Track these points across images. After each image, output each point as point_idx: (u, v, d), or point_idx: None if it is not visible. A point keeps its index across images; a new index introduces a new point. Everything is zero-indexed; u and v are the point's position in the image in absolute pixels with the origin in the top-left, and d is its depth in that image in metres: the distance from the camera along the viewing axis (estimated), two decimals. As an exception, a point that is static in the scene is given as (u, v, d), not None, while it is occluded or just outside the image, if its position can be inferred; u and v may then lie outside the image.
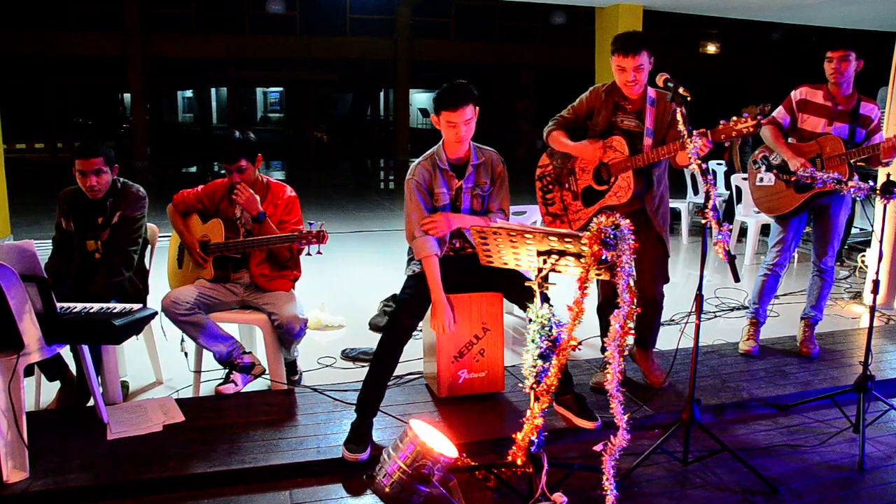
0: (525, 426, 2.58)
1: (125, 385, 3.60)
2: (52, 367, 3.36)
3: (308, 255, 3.35)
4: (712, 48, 23.02)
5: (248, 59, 20.02)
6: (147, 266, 3.69)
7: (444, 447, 2.59)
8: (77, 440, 2.95)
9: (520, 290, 3.12)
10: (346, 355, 4.16)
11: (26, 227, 7.90)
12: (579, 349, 2.59)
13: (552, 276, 2.58)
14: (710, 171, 2.92)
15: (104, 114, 24.26)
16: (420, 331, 3.67)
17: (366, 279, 6.10)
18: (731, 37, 22.38)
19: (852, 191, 3.13)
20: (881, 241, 3.36)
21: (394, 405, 3.32)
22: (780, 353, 4.14)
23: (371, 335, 4.50)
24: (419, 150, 3.33)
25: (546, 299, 2.57)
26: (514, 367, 3.55)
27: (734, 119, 2.85)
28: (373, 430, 3.01)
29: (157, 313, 3.09)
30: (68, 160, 3.33)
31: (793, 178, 3.74)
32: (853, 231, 7.01)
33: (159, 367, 3.78)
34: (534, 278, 2.56)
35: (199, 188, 3.64)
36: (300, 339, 3.48)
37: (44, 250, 3.13)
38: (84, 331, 2.79)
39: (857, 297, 5.52)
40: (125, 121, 23.39)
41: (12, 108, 16.49)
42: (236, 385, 3.45)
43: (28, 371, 3.05)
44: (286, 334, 3.37)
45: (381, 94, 28.34)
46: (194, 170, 17.28)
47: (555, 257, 2.51)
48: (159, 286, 3.73)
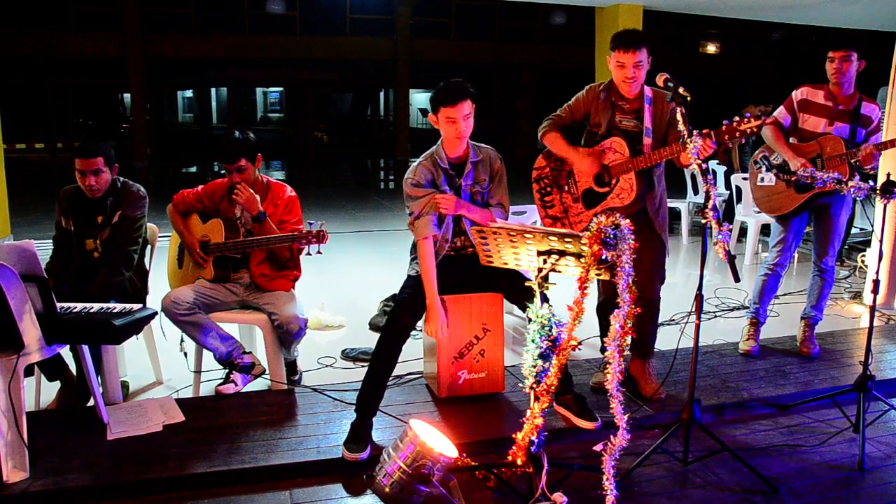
0: (525, 426, 2.57)
1: (125, 385, 3.60)
2: (52, 367, 3.36)
3: (308, 254, 3.36)
4: (712, 48, 23.03)
5: (248, 59, 20.03)
6: (147, 266, 3.69)
7: (444, 447, 2.59)
8: (77, 440, 2.95)
9: (520, 290, 3.12)
10: (346, 355, 4.16)
11: (26, 227, 7.90)
12: (579, 349, 2.59)
13: (552, 276, 2.58)
14: (710, 171, 2.92)
15: (104, 114, 24.25)
16: (420, 330, 3.66)
17: (366, 279, 6.10)
18: (732, 37, 22.39)
19: (852, 191, 3.13)
20: (881, 241, 3.36)
21: (394, 405, 3.32)
22: (780, 352, 4.14)
23: (371, 335, 4.50)
24: (419, 150, 3.34)
25: (546, 299, 2.57)
26: (514, 367, 3.55)
27: (736, 119, 2.84)
28: (373, 430, 3.01)
29: (156, 313, 3.09)
30: (68, 160, 3.34)
31: (793, 178, 3.74)
32: (853, 231, 7.01)
33: (159, 367, 3.78)
34: (534, 278, 2.56)
35: (199, 188, 3.64)
36: (300, 339, 3.48)
37: (44, 250, 3.13)
38: (84, 331, 2.79)
39: (858, 296, 5.52)
40: (125, 121, 23.39)
41: (12, 108, 16.48)
42: (236, 385, 3.45)
43: (28, 371, 3.05)
44: (286, 334, 3.37)
45: (381, 94, 28.34)
46: (194, 170, 17.28)
47: (555, 257, 2.51)
48: (159, 286, 3.73)
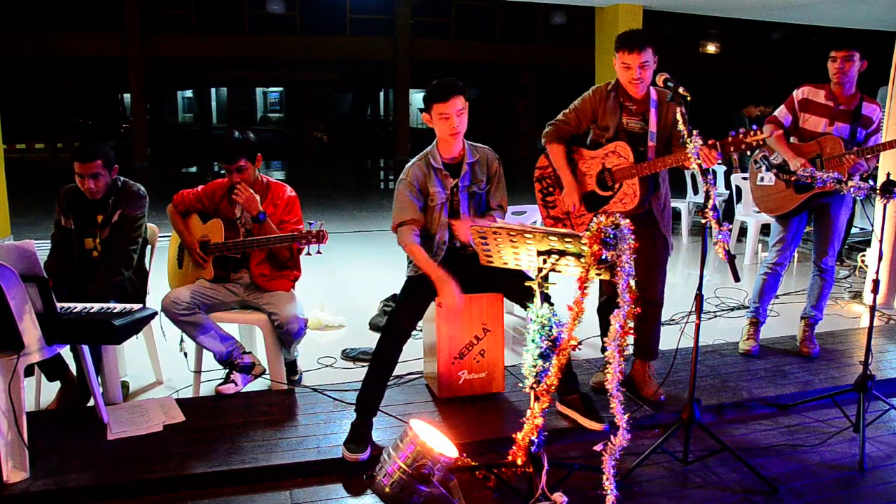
0: (525, 426, 2.58)
1: (125, 385, 3.60)
2: (53, 367, 3.36)
3: (308, 254, 3.35)
4: (713, 48, 23.03)
5: (248, 59, 20.03)
6: (147, 266, 3.69)
7: (445, 447, 2.60)
8: (77, 440, 2.95)
9: (520, 289, 3.12)
10: (347, 355, 4.16)
11: (26, 227, 7.90)
12: (579, 349, 2.59)
13: (552, 276, 2.58)
14: (710, 171, 2.91)
15: (104, 114, 24.25)
16: (420, 331, 3.67)
17: (366, 279, 6.10)
18: (732, 37, 22.38)
19: (852, 190, 3.13)
20: (881, 241, 3.36)
21: (394, 405, 3.32)
22: (780, 352, 4.14)
23: (371, 335, 4.50)
24: (419, 150, 3.34)
25: (547, 299, 2.57)
26: (514, 366, 3.55)
27: (742, 131, 2.85)
28: (373, 430, 3.01)
29: (156, 313, 3.09)
30: (68, 160, 3.33)
31: (793, 178, 3.74)
32: (853, 231, 7.01)
33: (159, 367, 3.78)
34: (534, 278, 2.56)
35: (199, 188, 3.64)
36: (300, 339, 3.48)
37: (44, 250, 3.13)
38: (84, 331, 2.79)
39: (858, 296, 5.52)
40: (125, 121, 23.39)
41: (12, 108, 16.50)
42: (236, 385, 3.45)
43: (28, 371, 3.05)
44: (286, 334, 3.37)
45: (381, 94, 28.34)
46: (194, 170, 17.29)
47: (555, 257, 2.51)
48: (159, 286, 3.73)
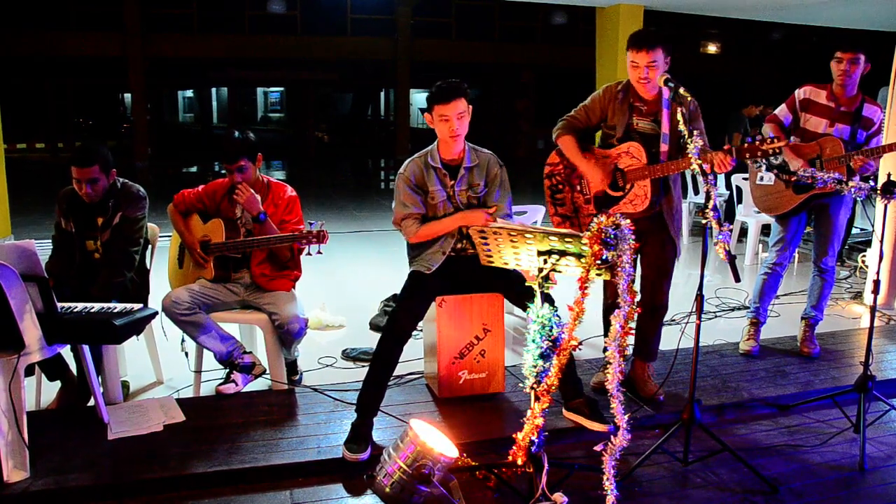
0: (525, 426, 2.58)
1: (126, 385, 3.60)
2: (53, 367, 3.36)
3: (308, 254, 3.35)
4: (713, 48, 23.01)
5: (248, 59, 20.03)
6: (148, 266, 3.69)
7: (445, 447, 2.60)
8: (77, 440, 2.95)
9: (520, 290, 3.12)
10: (347, 355, 4.16)
11: (26, 226, 7.90)
12: (580, 349, 2.59)
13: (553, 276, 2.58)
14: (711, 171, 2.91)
15: (104, 114, 24.25)
16: (420, 331, 3.67)
17: (366, 279, 6.10)
18: (732, 37, 22.37)
19: (853, 191, 3.13)
20: (882, 242, 3.35)
21: (394, 405, 3.32)
22: (780, 353, 4.14)
23: (372, 335, 4.50)
24: (419, 150, 3.34)
25: (548, 299, 2.57)
26: (514, 366, 3.55)
27: (759, 139, 2.86)
28: (373, 430, 3.01)
29: (157, 313, 3.09)
30: (69, 160, 3.32)
31: (793, 179, 3.73)
32: (854, 231, 7.01)
33: (160, 367, 3.78)
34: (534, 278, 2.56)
35: (200, 188, 3.64)
36: (300, 339, 3.48)
37: (44, 250, 3.13)
38: (84, 330, 2.79)
39: (858, 297, 5.52)
40: (126, 121, 23.40)
41: (13, 108, 16.47)
42: (237, 385, 3.45)
43: (29, 371, 3.05)
44: (286, 334, 3.37)
45: (382, 94, 28.34)
46: (195, 170, 17.29)
47: (555, 257, 2.51)
48: (160, 286, 3.74)
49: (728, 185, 7.58)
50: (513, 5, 17.32)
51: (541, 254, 2.53)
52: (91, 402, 3.21)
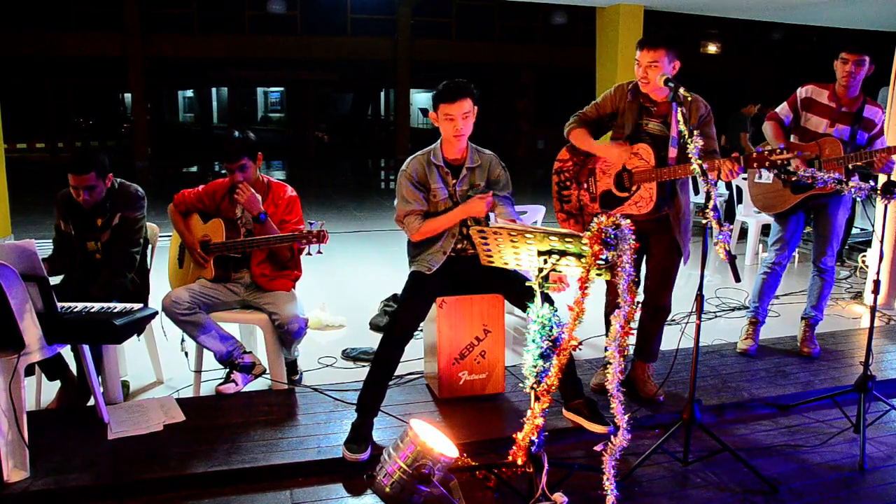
0: (525, 426, 2.58)
1: (126, 385, 3.60)
2: (53, 367, 3.36)
3: (308, 254, 3.35)
4: (713, 48, 23.01)
5: (248, 59, 20.01)
6: (148, 266, 3.69)
7: (445, 447, 2.60)
8: (77, 440, 2.95)
9: (520, 290, 3.12)
10: (347, 355, 4.16)
11: (27, 226, 7.90)
12: (580, 349, 2.59)
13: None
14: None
15: (104, 114, 24.24)
16: (421, 331, 3.67)
17: (366, 279, 6.10)
18: (732, 37, 22.37)
19: (853, 191, 3.13)
20: (882, 242, 3.35)
21: (394, 405, 3.32)
22: (780, 353, 4.14)
23: (372, 335, 4.50)
24: (419, 150, 3.34)
25: (548, 299, 2.57)
26: (514, 366, 3.55)
27: (768, 149, 2.87)
28: (373, 430, 3.01)
29: (157, 313, 3.09)
30: (66, 166, 3.32)
31: (793, 178, 3.73)
32: (854, 231, 7.01)
33: (160, 367, 3.78)
34: (534, 278, 2.56)
35: (200, 188, 3.64)
36: (301, 339, 3.48)
37: (44, 250, 3.13)
38: (85, 330, 2.79)
39: (858, 297, 5.52)
40: (126, 121, 23.39)
41: (13, 108, 16.47)
42: (237, 385, 3.45)
43: (29, 370, 3.06)
44: (287, 334, 3.37)
45: (382, 94, 28.33)
46: (195, 169, 17.27)
47: (555, 257, 2.51)
48: (160, 286, 3.74)
49: (728, 185, 7.57)
50: (513, 5, 17.32)
51: (541, 254, 2.53)
52: (91, 402, 3.21)
